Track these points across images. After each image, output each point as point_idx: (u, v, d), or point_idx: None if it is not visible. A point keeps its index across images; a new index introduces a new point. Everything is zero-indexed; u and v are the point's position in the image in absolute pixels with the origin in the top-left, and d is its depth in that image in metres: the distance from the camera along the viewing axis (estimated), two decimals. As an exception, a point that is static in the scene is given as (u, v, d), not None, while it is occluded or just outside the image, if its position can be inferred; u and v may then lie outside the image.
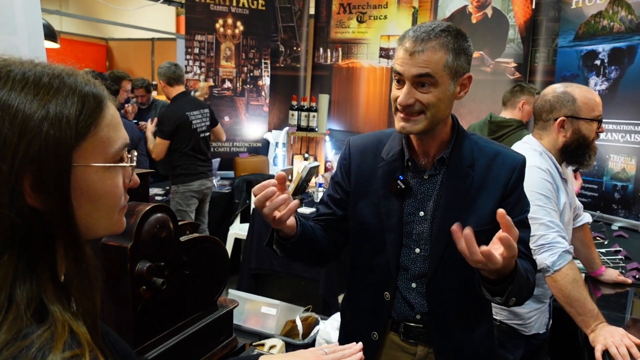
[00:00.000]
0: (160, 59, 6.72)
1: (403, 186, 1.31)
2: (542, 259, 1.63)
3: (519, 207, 1.31)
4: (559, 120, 1.80)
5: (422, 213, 1.32)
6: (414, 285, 1.35)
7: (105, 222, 0.68)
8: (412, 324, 1.36)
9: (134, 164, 0.71)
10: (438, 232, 1.29)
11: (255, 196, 1.13)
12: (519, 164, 1.31)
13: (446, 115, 1.28)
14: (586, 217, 2.13)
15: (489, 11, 4.48)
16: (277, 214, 1.13)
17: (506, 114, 3.42)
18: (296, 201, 1.15)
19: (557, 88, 1.85)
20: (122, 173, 0.69)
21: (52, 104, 0.60)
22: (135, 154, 0.72)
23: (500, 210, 1.03)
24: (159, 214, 1.13)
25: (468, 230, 1.03)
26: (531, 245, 1.52)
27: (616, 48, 3.55)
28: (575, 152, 1.82)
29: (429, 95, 1.20)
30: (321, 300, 3.40)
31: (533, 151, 1.81)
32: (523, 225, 1.31)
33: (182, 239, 1.22)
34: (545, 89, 1.91)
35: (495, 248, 1.05)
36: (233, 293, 3.02)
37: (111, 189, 0.67)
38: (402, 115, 1.23)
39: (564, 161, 1.86)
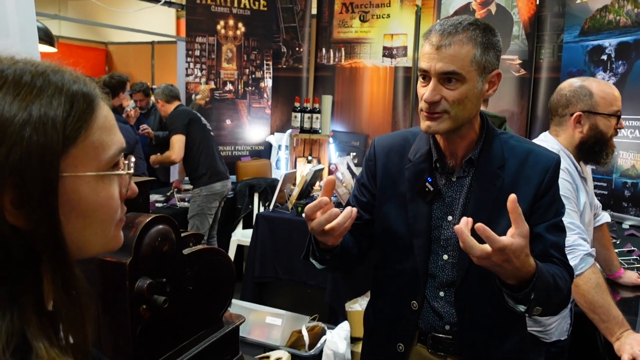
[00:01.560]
0: (161, 63, 6.67)
1: (432, 188, 1.24)
2: None
3: (553, 209, 1.23)
4: (575, 115, 1.73)
5: (450, 217, 1.25)
6: (442, 293, 1.28)
7: (99, 239, 0.60)
8: (440, 335, 1.28)
9: (132, 171, 0.64)
10: None
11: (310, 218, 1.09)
12: (553, 163, 1.24)
13: (474, 114, 1.21)
14: (605, 217, 2.05)
15: (492, 8, 4.42)
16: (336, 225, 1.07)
17: None
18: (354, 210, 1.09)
19: (574, 82, 1.78)
20: (118, 182, 0.61)
21: (35, 106, 0.52)
22: (133, 159, 0.64)
23: (512, 196, 0.98)
24: (160, 226, 1.05)
25: (478, 224, 0.97)
26: None
27: (623, 42, 3.49)
28: (592, 149, 1.75)
29: (455, 92, 1.14)
30: (327, 309, 3.32)
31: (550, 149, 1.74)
32: (557, 229, 1.23)
33: (185, 251, 1.13)
34: (561, 84, 1.84)
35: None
36: (236, 303, 2.93)
37: (105, 201, 0.59)
38: (426, 114, 1.18)
39: (581, 159, 1.79)
